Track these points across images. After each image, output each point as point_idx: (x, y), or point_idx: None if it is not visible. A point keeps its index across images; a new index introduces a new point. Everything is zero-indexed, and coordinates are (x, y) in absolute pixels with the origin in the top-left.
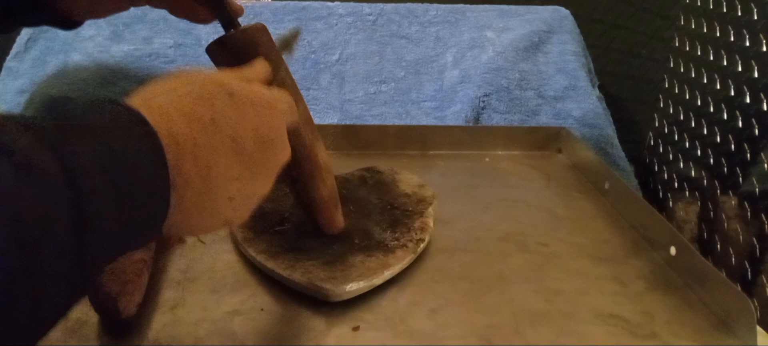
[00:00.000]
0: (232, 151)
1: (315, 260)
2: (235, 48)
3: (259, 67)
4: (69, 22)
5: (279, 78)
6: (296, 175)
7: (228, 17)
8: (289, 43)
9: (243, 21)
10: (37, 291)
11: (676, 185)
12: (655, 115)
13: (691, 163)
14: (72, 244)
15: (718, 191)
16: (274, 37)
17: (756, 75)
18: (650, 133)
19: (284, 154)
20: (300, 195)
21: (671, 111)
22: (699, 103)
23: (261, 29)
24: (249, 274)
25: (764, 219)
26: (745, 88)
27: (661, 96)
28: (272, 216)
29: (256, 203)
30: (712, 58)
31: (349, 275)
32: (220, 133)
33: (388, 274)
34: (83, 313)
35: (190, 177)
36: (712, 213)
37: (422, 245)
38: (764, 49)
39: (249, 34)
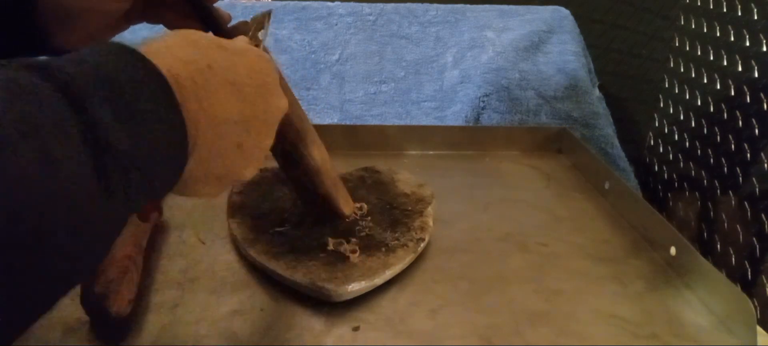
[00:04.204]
0: (231, 94)
1: (316, 260)
2: None
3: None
4: (66, 53)
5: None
6: (298, 175)
7: (216, 26)
8: (261, 23)
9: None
10: (63, 233)
11: (676, 185)
12: (655, 115)
13: (691, 163)
14: (93, 188)
15: (718, 191)
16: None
17: (756, 75)
18: (650, 133)
19: (282, 102)
20: (304, 193)
21: (671, 111)
22: (699, 103)
23: (241, 24)
24: (249, 274)
25: (764, 219)
26: (745, 88)
27: (661, 96)
28: (272, 217)
29: (263, 153)
30: (712, 58)
31: (351, 275)
32: (217, 76)
33: (389, 273)
34: (83, 313)
35: (198, 119)
36: (712, 213)
37: (422, 245)
38: (764, 49)
39: (232, 33)
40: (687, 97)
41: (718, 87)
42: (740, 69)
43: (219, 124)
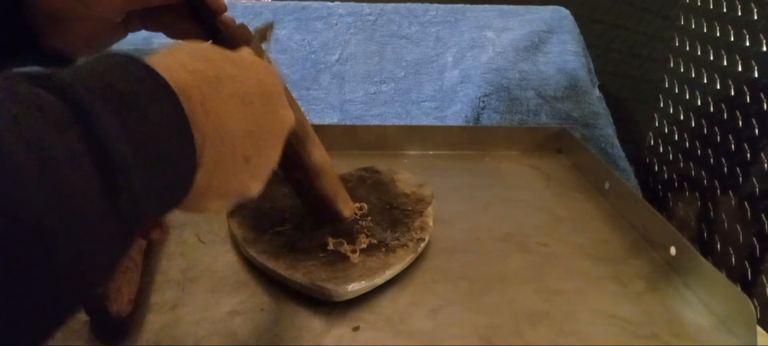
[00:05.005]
0: (239, 106)
1: (316, 260)
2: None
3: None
4: (62, 61)
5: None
6: (297, 178)
7: (218, 33)
8: (264, 34)
9: (244, 21)
10: (65, 252)
11: (676, 185)
12: (655, 115)
13: (691, 163)
14: (104, 204)
15: (718, 191)
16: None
17: (756, 75)
18: (650, 133)
19: (289, 114)
20: (304, 195)
21: (671, 111)
22: (699, 103)
23: (241, 27)
24: (249, 274)
25: (764, 219)
26: (745, 88)
27: (661, 96)
28: (272, 216)
29: (270, 166)
30: (712, 58)
31: (351, 274)
32: (225, 87)
33: (389, 273)
34: (83, 313)
35: (205, 131)
36: (712, 213)
37: (422, 245)
38: (764, 49)
39: (233, 36)
40: (687, 97)
41: (718, 87)
42: (740, 69)
43: (226, 135)
